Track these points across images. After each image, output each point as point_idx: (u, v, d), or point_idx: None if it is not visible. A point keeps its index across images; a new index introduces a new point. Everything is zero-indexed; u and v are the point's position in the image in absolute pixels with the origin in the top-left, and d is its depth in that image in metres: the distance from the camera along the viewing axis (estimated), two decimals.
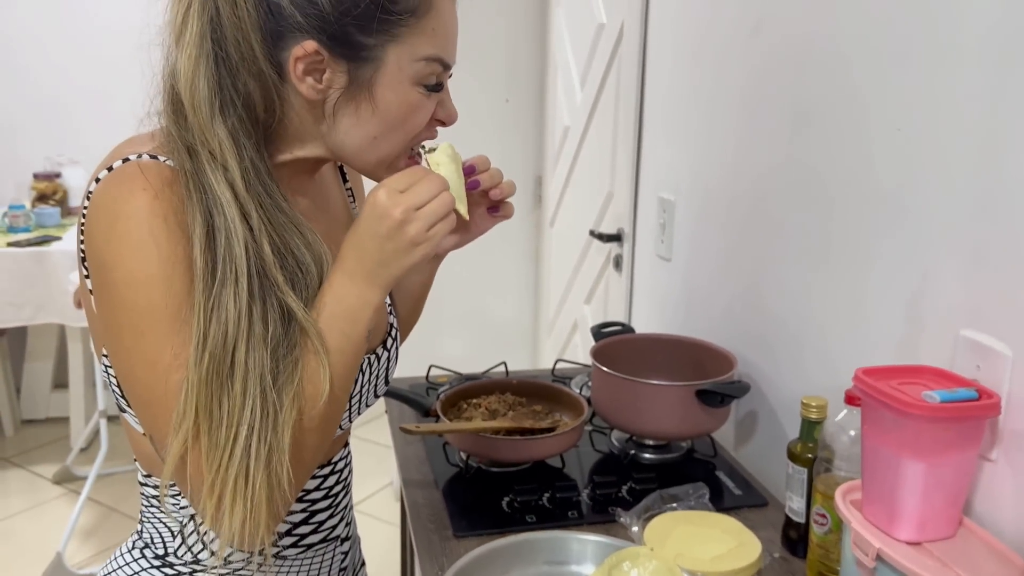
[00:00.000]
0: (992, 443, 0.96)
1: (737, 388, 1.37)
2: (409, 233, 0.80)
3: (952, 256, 1.02)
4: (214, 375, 0.74)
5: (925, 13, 1.04)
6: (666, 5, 1.84)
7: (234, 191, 0.78)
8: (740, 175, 1.53)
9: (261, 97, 0.80)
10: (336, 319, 0.81)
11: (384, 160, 0.87)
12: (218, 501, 0.75)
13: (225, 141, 0.78)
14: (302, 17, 0.78)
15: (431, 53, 0.83)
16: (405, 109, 0.84)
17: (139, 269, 0.75)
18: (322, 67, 0.80)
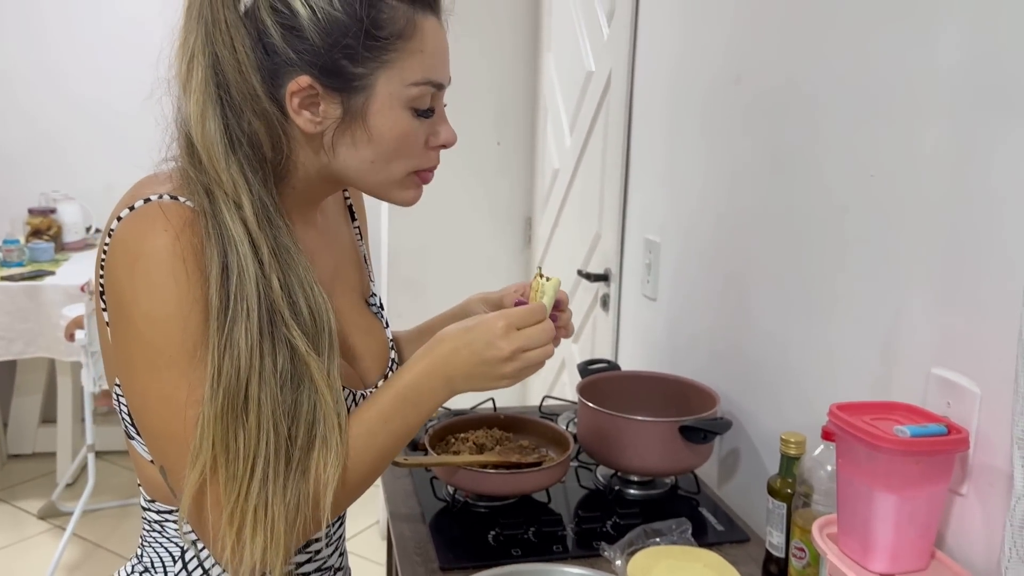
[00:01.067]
0: (962, 478, 0.99)
1: (719, 425, 1.40)
2: (506, 370, 0.87)
3: (923, 297, 1.06)
4: (229, 409, 0.77)
5: (897, 64, 1.09)
6: (652, 55, 1.91)
7: (247, 228, 0.81)
8: (722, 218, 1.58)
9: (267, 135, 0.83)
10: (402, 398, 0.87)
11: (387, 182, 0.90)
12: (238, 531, 0.77)
13: (238, 180, 0.81)
14: (294, 53, 0.81)
15: (421, 77, 0.85)
16: (398, 134, 0.86)
17: (158, 308, 0.77)
18: (317, 100, 0.83)
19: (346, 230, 1.07)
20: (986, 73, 0.95)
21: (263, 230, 0.82)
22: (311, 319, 0.84)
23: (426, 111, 0.87)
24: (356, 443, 0.85)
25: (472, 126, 2.89)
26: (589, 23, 2.34)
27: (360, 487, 0.88)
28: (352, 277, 1.05)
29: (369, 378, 0.99)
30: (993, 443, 0.95)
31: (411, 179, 0.92)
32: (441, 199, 2.91)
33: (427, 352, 0.89)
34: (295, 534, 0.80)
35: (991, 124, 0.94)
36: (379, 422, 0.86)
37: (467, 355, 0.87)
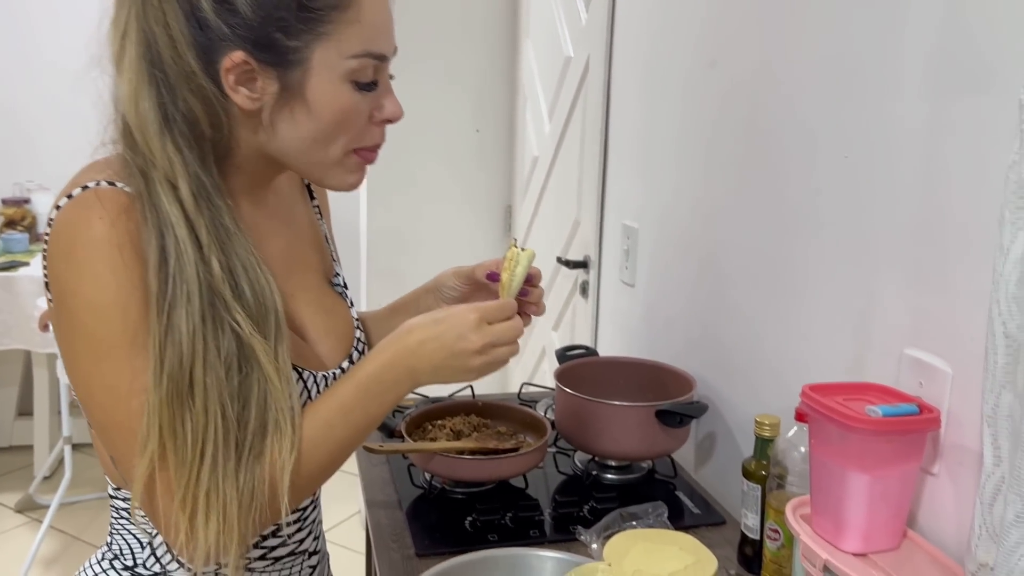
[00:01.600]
0: (934, 457, 0.99)
1: (695, 408, 1.40)
2: (475, 363, 0.87)
3: (895, 278, 1.06)
4: (175, 395, 0.76)
5: (869, 49, 1.09)
6: (629, 40, 1.90)
7: (184, 209, 0.79)
8: (698, 203, 1.57)
9: (205, 113, 0.81)
10: (363, 389, 0.85)
11: (328, 162, 0.87)
12: (191, 516, 0.76)
13: (174, 159, 0.79)
14: (227, 28, 0.78)
15: (360, 48, 0.82)
16: (338, 109, 0.83)
17: (96, 296, 0.76)
18: (253, 76, 0.81)
19: (303, 209, 1.06)
20: (957, 56, 0.95)
21: (201, 211, 0.80)
22: (255, 301, 0.82)
23: (368, 84, 0.84)
24: (314, 434, 0.83)
25: (451, 114, 2.88)
26: (567, 8, 2.33)
27: (318, 478, 0.86)
28: (312, 257, 1.03)
29: (331, 359, 0.98)
30: (964, 422, 0.95)
31: (352, 160, 0.88)
32: (420, 187, 2.90)
33: (393, 342, 0.87)
34: (251, 520, 0.79)
35: (961, 106, 0.95)
36: (339, 413, 0.85)
37: (435, 347, 0.86)
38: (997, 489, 0.82)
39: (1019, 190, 0.75)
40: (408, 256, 2.90)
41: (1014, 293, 0.77)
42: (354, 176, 0.90)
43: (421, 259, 2.89)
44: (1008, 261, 0.77)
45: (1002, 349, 0.79)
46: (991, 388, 0.81)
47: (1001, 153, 0.84)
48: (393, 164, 2.85)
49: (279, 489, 0.80)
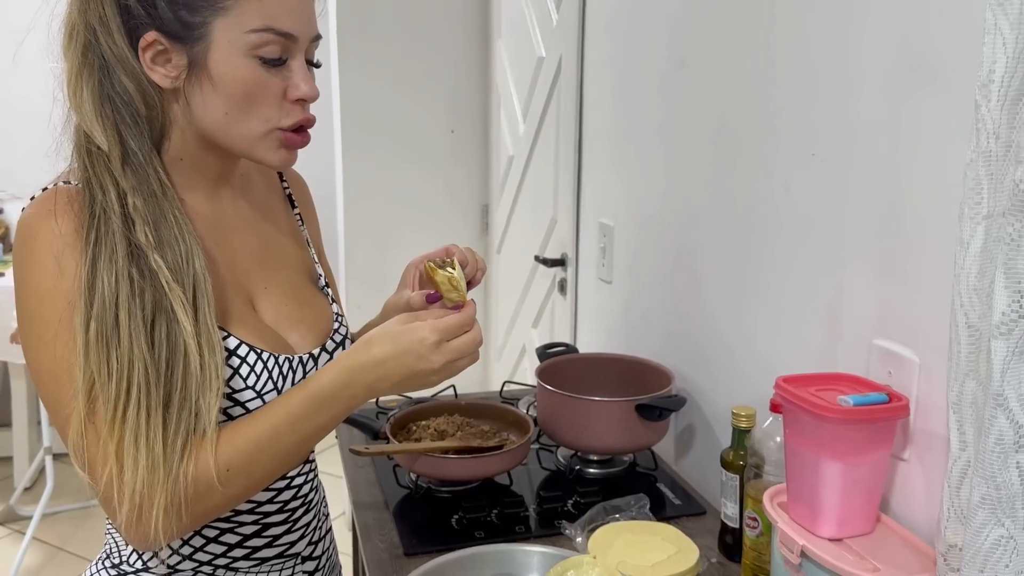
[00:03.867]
0: (904, 444, 1.03)
1: (674, 402, 1.43)
2: (432, 380, 0.90)
3: (863, 271, 1.09)
4: (100, 335, 0.81)
5: (832, 48, 1.13)
6: (600, 40, 1.93)
7: (113, 175, 0.85)
8: (672, 200, 1.60)
9: (138, 92, 0.87)
10: (315, 401, 0.87)
11: (248, 138, 0.91)
12: (117, 452, 0.80)
13: (109, 133, 0.86)
14: (144, 12, 0.85)
15: (260, 23, 0.86)
16: (242, 83, 0.87)
17: (41, 283, 0.82)
18: (167, 54, 0.87)
19: (283, 215, 1.10)
20: (917, 56, 0.98)
21: (127, 175, 0.86)
22: (176, 259, 0.86)
23: (274, 60, 0.88)
24: (260, 440, 0.86)
25: (426, 115, 2.89)
26: (538, 9, 2.35)
27: (260, 481, 0.89)
28: (291, 255, 1.07)
29: (301, 347, 1.00)
30: (932, 409, 0.99)
31: (274, 138, 0.91)
32: (397, 188, 2.91)
33: (350, 357, 0.88)
34: (181, 474, 0.82)
35: (922, 105, 0.98)
36: (287, 422, 0.87)
37: (395, 366, 0.87)
38: (963, 473, 0.85)
39: (976, 187, 0.78)
40: (386, 256, 2.91)
41: (975, 285, 0.80)
42: (279, 155, 0.93)
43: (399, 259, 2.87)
44: (968, 254, 0.80)
45: (964, 339, 0.82)
46: (955, 376, 0.84)
47: (960, 151, 0.87)
48: (370, 165, 2.86)
49: (209, 447, 0.84)
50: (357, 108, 2.80)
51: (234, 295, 0.95)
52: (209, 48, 0.86)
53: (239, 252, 0.99)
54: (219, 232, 0.97)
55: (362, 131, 2.82)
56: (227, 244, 0.97)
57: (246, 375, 0.91)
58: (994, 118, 0.77)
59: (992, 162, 0.77)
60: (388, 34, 2.78)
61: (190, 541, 0.96)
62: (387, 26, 2.77)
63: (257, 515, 0.99)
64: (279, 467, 0.89)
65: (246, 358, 0.91)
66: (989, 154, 0.77)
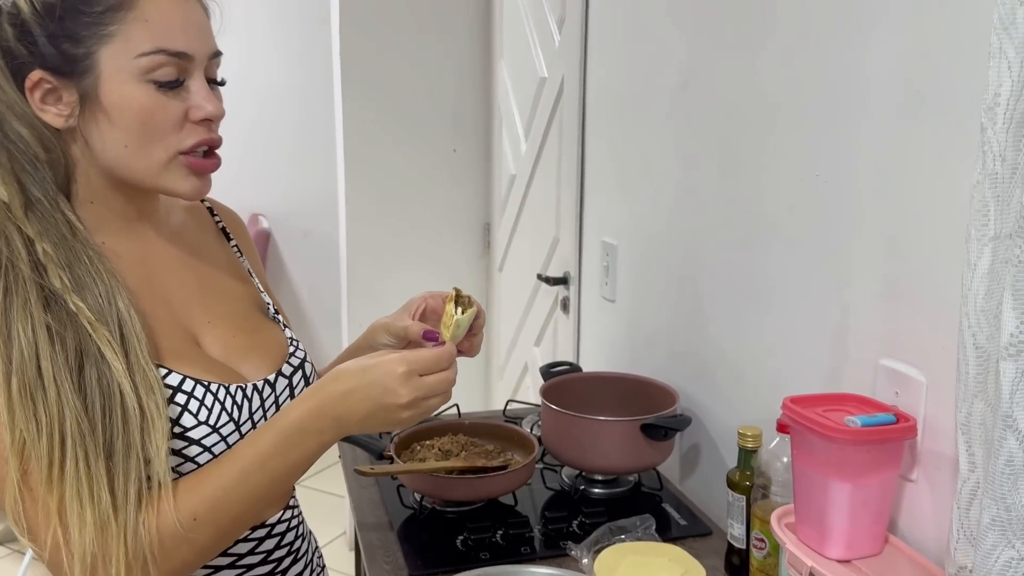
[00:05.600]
0: (912, 464, 1.03)
1: (679, 421, 1.43)
2: (403, 416, 0.84)
3: (869, 291, 1.10)
4: (23, 389, 0.76)
5: (836, 69, 1.13)
6: (603, 61, 1.94)
7: (17, 225, 0.81)
8: (675, 219, 1.61)
9: (33, 136, 0.83)
10: (284, 437, 0.83)
11: (154, 170, 0.86)
12: (60, 513, 0.75)
13: (9, 184, 0.81)
14: (26, 50, 0.81)
15: (149, 46, 0.82)
16: (138, 111, 0.83)
17: None
18: (57, 92, 0.82)
19: (220, 250, 1.06)
20: (919, 78, 0.99)
21: (36, 222, 0.82)
22: (97, 300, 0.82)
23: (170, 83, 0.84)
24: (226, 484, 0.82)
25: (428, 134, 2.91)
26: (540, 30, 2.37)
27: (232, 529, 0.85)
28: (233, 288, 1.03)
29: (255, 375, 0.97)
30: (940, 430, 0.99)
31: (179, 164, 0.87)
32: (399, 207, 2.92)
33: (318, 390, 0.85)
34: (142, 525, 0.78)
35: (926, 124, 0.99)
36: (255, 461, 0.83)
37: (361, 398, 0.83)
38: (973, 494, 0.85)
39: (983, 208, 0.79)
40: (388, 276, 2.91)
41: (982, 306, 0.81)
42: (188, 182, 0.88)
43: (401, 278, 2.90)
44: (975, 276, 0.80)
45: (973, 359, 0.82)
46: (964, 397, 0.84)
47: (965, 172, 0.88)
48: (372, 184, 2.87)
49: (164, 489, 0.80)
50: (359, 127, 2.81)
51: (172, 333, 0.91)
52: (99, 80, 0.82)
53: (174, 290, 0.94)
54: (148, 271, 0.93)
55: (364, 150, 2.83)
56: (159, 282, 0.93)
57: (196, 410, 0.86)
58: (1000, 140, 0.77)
59: (998, 184, 0.78)
60: (390, 54, 2.79)
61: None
62: (389, 46, 2.79)
63: (240, 568, 0.95)
64: (250, 513, 0.85)
65: (193, 392, 0.87)
66: (995, 176, 0.78)
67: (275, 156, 3.97)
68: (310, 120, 3.28)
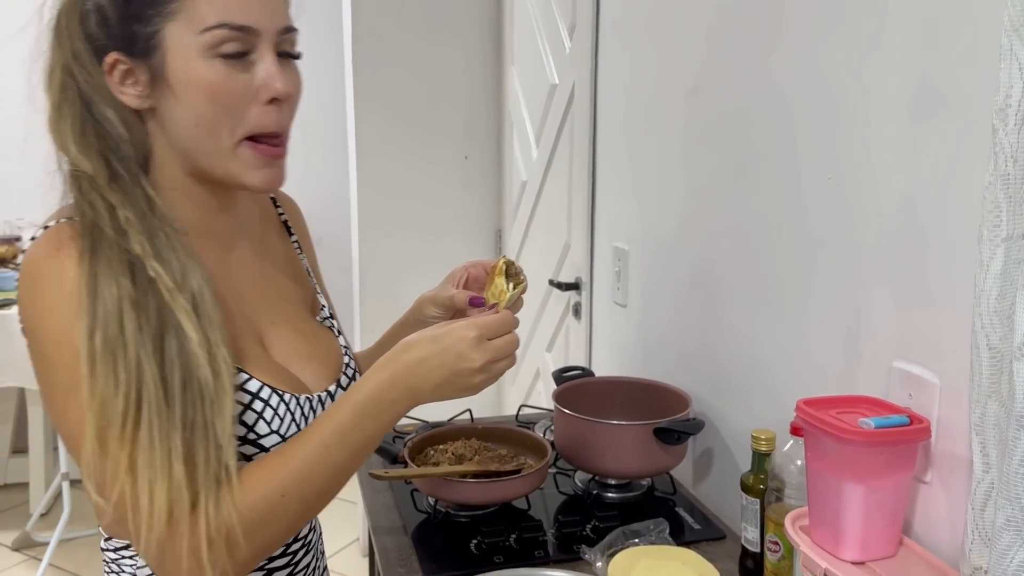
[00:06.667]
0: (926, 466, 1.02)
1: (692, 425, 1.43)
2: (475, 380, 0.86)
3: (882, 294, 1.10)
4: (105, 344, 0.76)
5: (846, 72, 1.14)
6: (614, 67, 1.95)
7: (102, 194, 0.82)
8: (687, 224, 1.61)
9: (119, 119, 0.85)
10: (361, 409, 0.84)
11: (219, 151, 0.86)
12: (131, 476, 0.76)
13: (95, 160, 0.84)
14: (104, 35, 0.84)
15: (214, 20, 0.82)
16: (205, 85, 0.83)
17: (57, 327, 0.78)
18: (132, 74, 0.84)
19: (280, 244, 1.07)
20: (931, 81, 0.99)
21: (119, 193, 0.83)
22: (175, 270, 0.83)
23: (236, 55, 0.83)
24: (310, 458, 0.83)
25: (440, 141, 2.92)
26: (551, 37, 2.38)
27: (317, 503, 0.86)
28: (291, 289, 1.04)
29: (316, 384, 0.97)
30: (953, 431, 0.99)
31: (247, 152, 0.86)
32: (411, 214, 2.93)
33: (390, 361, 0.86)
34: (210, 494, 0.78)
35: (937, 126, 0.99)
36: (335, 435, 0.84)
37: (436, 365, 0.84)
38: (987, 495, 0.85)
39: (995, 209, 0.79)
40: (400, 282, 2.92)
41: (995, 307, 0.81)
42: (259, 174, 0.88)
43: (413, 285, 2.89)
44: (988, 277, 0.81)
45: (986, 360, 0.82)
46: (977, 398, 0.85)
47: (977, 174, 0.88)
48: (384, 190, 2.89)
49: (231, 465, 0.80)
50: (371, 135, 2.83)
51: (244, 332, 0.91)
52: (165, 57, 0.82)
53: (246, 287, 0.94)
54: (226, 266, 0.93)
55: (376, 156, 2.85)
56: (235, 279, 0.94)
57: (270, 418, 0.88)
58: (1011, 142, 0.77)
59: (1010, 185, 0.78)
60: (401, 61, 2.81)
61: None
62: (400, 54, 2.81)
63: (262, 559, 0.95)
64: (333, 486, 0.85)
65: (269, 400, 0.88)
66: (1007, 177, 0.78)
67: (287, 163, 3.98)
68: (321, 126, 3.31)
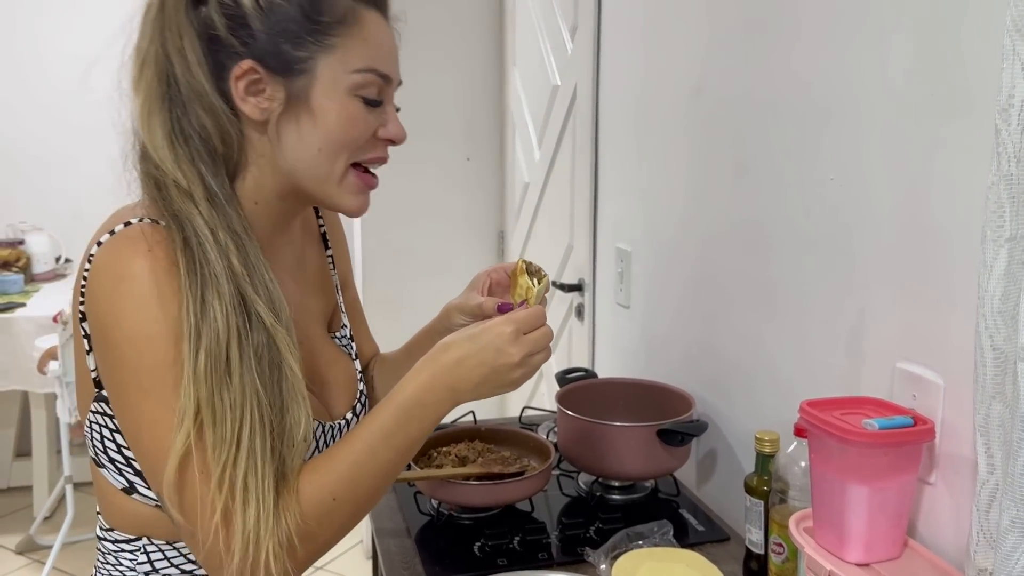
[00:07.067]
0: (930, 467, 1.02)
1: (695, 427, 1.43)
2: (515, 375, 0.87)
3: (885, 295, 1.09)
4: (212, 370, 0.76)
5: (850, 73, 1.14)
6: (616, 68, 1.95)
7: (200, 211, 0.82)
8: (689, 225, 1.61)
9: (216, 128, 0.85)
10: (404, 412, 0.85)
11: (331, 176, 0.89)
12: (228, 497, 0.76)
13: (187, 171, 0.83)
14: (239, 42, 0.83)
15: (364, 64, 0.86)
16: (344, 119, 0.86)
17: (141, 327, 0.77)
18: (262, 85, 0.84)
19: (315, 258, 1.07)
20: (935, 82, 0.99)
21: (216, 214, 0.82)
22: (269, 299, 0.83)
23: (374, 101, 0.88)
24: (358, 461, 0.84)
25: (442, 143, 2.92)
26: (553, 38, 2.38)
27: (367, 504, 0.87)
28: (314, 308, 1.04)
29: (337, 410, 0.98)
30: (958, 432, 0.98)
31: (352, 180, 0.90)
32: (414, 215, 2.93)
33: (430, 363, 0.87)
34: (288, 510, 0.79)
35: (940, 129, 0.99)
36: (381, 438, 0.85)
37: (475, 364, 0.86)
38: (992, 496, 0.85)
39: (998, 209, 0.79)
40: (403, 284, 2.93)
41: (999, 307, 0.80)
42: (357, 199, 0.91)
43: (417, 286, 2.91)
44: (992, 277, 0.80)
45: (990, 361, 0.82)
46: (982, 399, 0.84)
47: (980, 174, 0.88)
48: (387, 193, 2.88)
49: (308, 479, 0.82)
50: None
51: None
52: (312, 83, 0.85)
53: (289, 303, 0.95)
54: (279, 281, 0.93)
55: None
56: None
57: None
58: (1014, 142, 0.77)
59: (1013, 185, 0.78)
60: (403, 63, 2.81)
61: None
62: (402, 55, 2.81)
63: None
64: (381, 487, 0.87)
65: None
66: (1010, 177, 0.78)
67: None
68: None
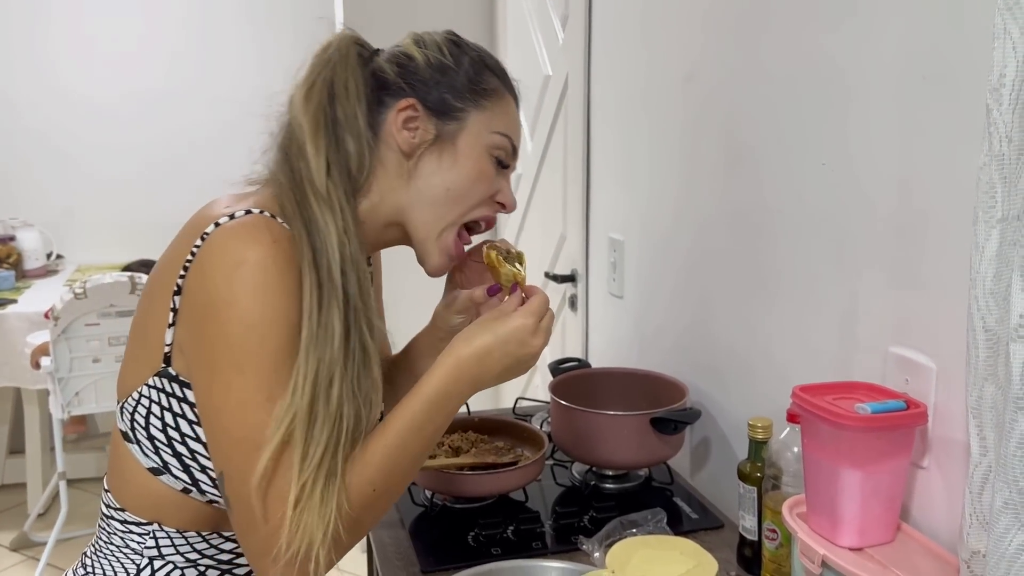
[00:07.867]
0: (923, 451, 1.02)
1: (689, 415, 1.43)
2: (532, 363, 0.94)
3: (877, 279, 1.09)
4: (321, 380, 0.83)
5: (839, 55, 1.13)
6: (606, 57, 1.94)
7: (335, 226, 0.87)
8: (682, 213, 1.61)
9: (356, 154, 0.94)
10: (431, 403, 0.89)
11: (438, 224, 0.97)
12: (308, 491, 0.81)
13: (332, 190, 0.90)
14: (405, 83, 0.96)
15: (504, 129, 0.99)
16: (477, 171, 0.97)
17: (254, 312, 0.82)
18: (416, 121, 0.95)
19: None
20: (925, 64, 0.99)
21: (347, 237, 0.89)
22: (374, 320, 0.90)
23: (503, 163, 0.99)
24: (391, 453, 0.88)
25: None
26: (544, 27, 2.37)
27: (398, 490, 0.92)
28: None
29: None
30: (950, 416, 0.98)
31: (450, 241, 0.98)
32: None
33: (451, 355, 0.91)
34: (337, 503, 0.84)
35: (932, 111, 0.98)
36: (411, 432, 0.88)
37: (500, 356, 0.91)
38: (985, 478, 0.84)
39: (990, 190, 0.78)
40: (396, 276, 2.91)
41: (991, 288, 0.80)
42: (442, 260, 1.00)
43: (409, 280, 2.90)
44: (984, 258, 0.80)
45: (982, 343, 0.82)
46: (974, 381, 0.84)
47: (972, 155, 0.87)
48: None
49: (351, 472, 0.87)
50: None
51: None
52: (461, 130, 0.96)
53: None
54: None
55: None
56: None
57: None
58: (1006, 121, 0.77)
59: (1005, 165, 0.78)
60: None
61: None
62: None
63: None
64: (412, 474, 0.92)
65: None
66: (1002, 158, 0.78)
67: None
68: None
